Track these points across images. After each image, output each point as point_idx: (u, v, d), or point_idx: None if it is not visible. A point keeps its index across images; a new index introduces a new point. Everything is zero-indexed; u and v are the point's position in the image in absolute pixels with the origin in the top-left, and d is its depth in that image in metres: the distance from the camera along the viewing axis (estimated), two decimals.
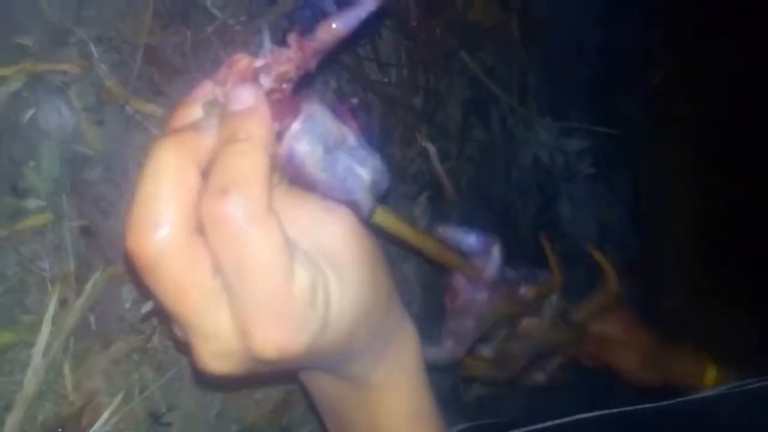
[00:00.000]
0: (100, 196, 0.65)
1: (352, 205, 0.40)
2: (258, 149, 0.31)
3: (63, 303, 0.60)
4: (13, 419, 0.55)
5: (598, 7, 1.59)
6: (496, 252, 0.69)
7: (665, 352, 0.89)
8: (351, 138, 0.40)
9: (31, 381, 0.57)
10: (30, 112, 0.62)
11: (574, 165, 1.32)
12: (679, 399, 0.73)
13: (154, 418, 0.64)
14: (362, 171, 0.40)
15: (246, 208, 0.29)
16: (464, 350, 0.69)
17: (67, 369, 0.60)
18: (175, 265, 0.28)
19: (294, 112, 0.38)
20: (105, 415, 0.60)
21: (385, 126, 0.97)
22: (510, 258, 0.78)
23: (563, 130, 1.28)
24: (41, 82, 0.63)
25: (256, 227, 0.28)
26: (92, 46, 0.66)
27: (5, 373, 0.57)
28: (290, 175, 0.38)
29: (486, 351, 0.80)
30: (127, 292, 0.64)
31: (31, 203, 0.61)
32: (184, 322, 0.31)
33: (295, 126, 0.37)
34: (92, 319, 0.61)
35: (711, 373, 0.86)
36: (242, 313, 0.29)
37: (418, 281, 1.02)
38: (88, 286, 0.60)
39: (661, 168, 1.71)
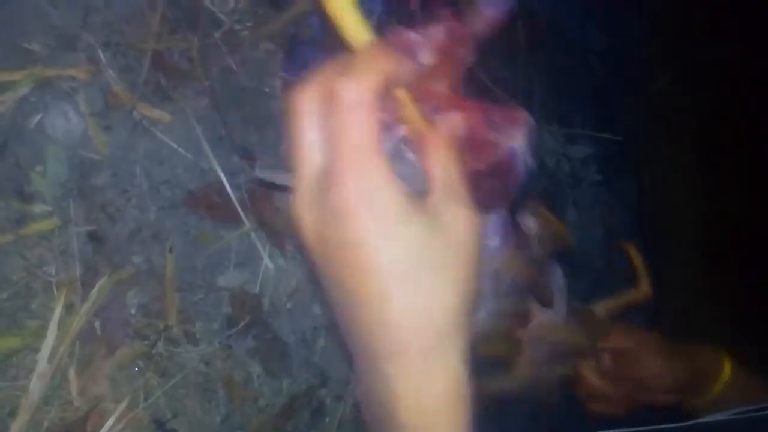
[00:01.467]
0: (107, 201, 0.65)
1: None
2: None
3: (69, 308, 0.60)
4: (18, 424, 0.55)
5: (603, 14, 1.59)
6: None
7: (681, 349, 0.87)
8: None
9: (36, 386, 0.57)
10: (37, 117, 0.62)
11: (580, 171, 1.32)
12: (691, 421, 0.71)
13: (159, 424, 0.64)
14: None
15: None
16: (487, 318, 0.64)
17: (72, 374, 0.60)
18: None
19: None
20: (110, 422, 0.60)
21: None
22: None
23: (569, 137, 1.27)
24: (49, 87, 0.63)
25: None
26: (100, 51, 0.66)
27: (10, 378, 0.57)
28: None
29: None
30: (133, 298, 0.64)
31: (38, 208, 0.61)
32: None
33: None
34: (97, 325, 0.61)
35: (727, 368, 0.84)
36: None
37: None
38: (94, 291, 0.60)
39: (666, 173, 1.70)
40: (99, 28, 0.67)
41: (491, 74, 1.20)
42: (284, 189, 0.75)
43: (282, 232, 0.77)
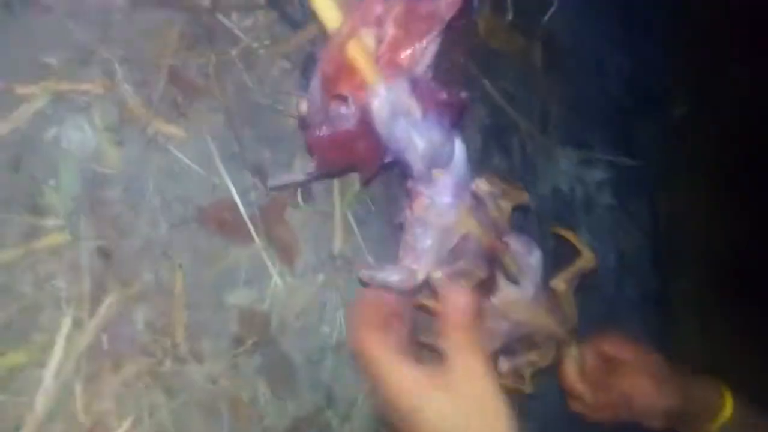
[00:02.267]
0: (118, 217, 0.64)
1: (404, 164, 0.57)
2: None
3: (76, 323, 0.59)
4: None
5: (622, 36, 1.58)
6: (459, 145, 0.60)
7: (680, 377, 0.85)
8: (417, 113, 0.54)
9: (41, 401, 0.56)
10: (52, 131, 0.63)
11: (594, 196, 1.30)
12: None
13: None
14: (418, 140, 0.54)
15: None
16: (424, 271, 0.60)
17: (78, 390, 0.59)
18: None
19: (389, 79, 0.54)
20: None
21: None
22: None
23: (584, 161, 1.26)
24: (64, 101, 0.64)
25: None
26: (116, 66, 0.67)
27: (16, 393, 0.56)
28: (364, 116, 0.55)
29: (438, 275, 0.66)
30: (140, 314, 0.63)
31: (50, 222, 0.60)
32: None
33: (377, 87, 0.54)
34: (105, 340, 0.61)
35: (728, 405, 0.82)
36: None
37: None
38: (102, 306, 0.60)
39: (682, 199, 1.68)
40: (117, 42, 0.68)
41: (505, 93, 1.20)
42: (297, 186, 0.76)
43: (292, 250, 0.77)
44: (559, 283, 0.71)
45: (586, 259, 0.74)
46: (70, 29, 0.65)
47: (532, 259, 0.66)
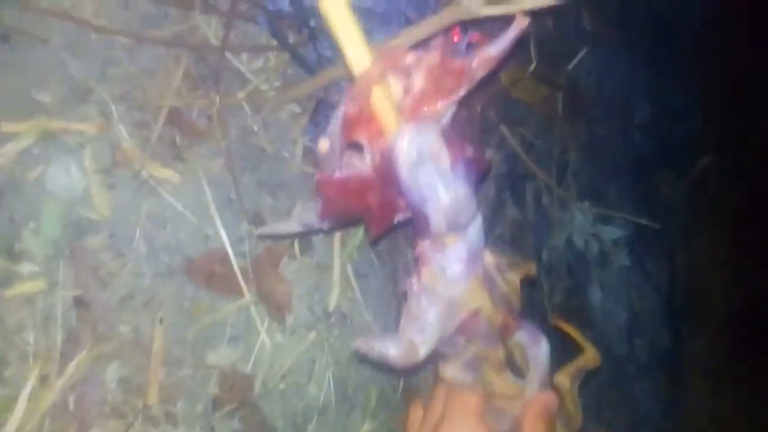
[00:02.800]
0: (99, 265, 0.61)
1: (423, 219, 0.50)
2: None
3: (43, 380, 0.56)
4: None
5: (647, 85, 1.54)
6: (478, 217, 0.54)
7: None
8: (445, 162, 0.49)
9: None
10: (38, 171, 0.59)
11: (610, 252, 1.25)
12: None
13: None
14: (443, 191, 0.49)
15: None
16: (427, 346, 0.54)
17: None
18: None
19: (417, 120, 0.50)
20: None
21: None
22: None
23: (600, 216, 1.22)
24: (54, 140, 0.60)
25: None
26: (113, 106, 0.63)
27: None
28: (384, 163, 0.50)
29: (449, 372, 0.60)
30: (114, 372, 0.60)
31: (25, 268, 0.57)
32: None
33: (406, 127, 0.49)
34: (71, 400, 0.57)
35: None
36: None
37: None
38: (72, 364, 0.57)
39: (701, 258, 1.63)
40: (118, 80, 0.65)
41: (523, 141, 1.16)
42: (287, 237, 0.71)
43: (284, 305, 0.73)
44: (563, 378, 0.65)
45: (591, 358, 0.68)
46: (67, 64, 0.62)
47: (540, 350, 0.60)
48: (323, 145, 0.53)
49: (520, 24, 0.51)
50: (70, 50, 0.62)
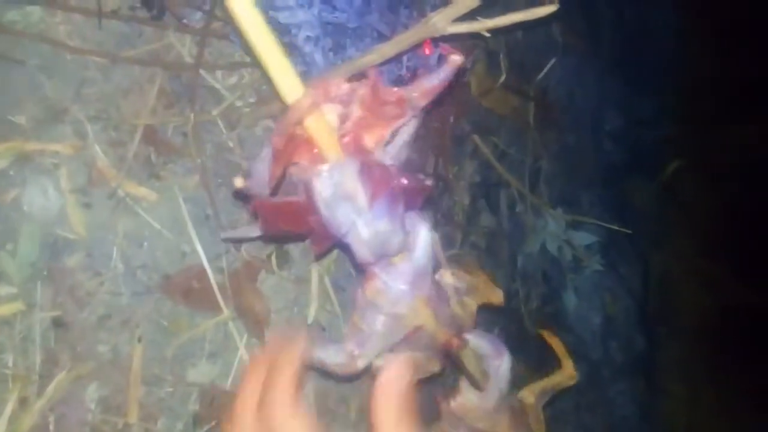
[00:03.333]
0: (77, 285, 0.61)
1: (348, 248, 0.52)
2: None
3: (23, 402, 0.56)
4: None
5: (616, 94, 1.57)
6: (425, 233, 0.55)
7: None
8: (362, 200, 0.50)
9: None
10: (14, 193, 0.60)
11: (583, 258, 1.28)
12: None
13: None
14: (361, 228, 0.50)
15: None
16: (366, 359, 0.55)
17: None
18: None
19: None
20: None
21: None
22: (512, 351, 0.71)
23: (573, 223, 1.24)
24: (30, 161, 0.61)
25: None
26: (88, 125, 0.64)
27: None
28: (308, 194, 0.51)
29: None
30: (93, 392, 0.60)
31: (2, 290, 0.57)
32: None
33: (324, 166, 0.50)
34: (51, 421, 0.57)
35: None
36: None
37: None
38: (51, 386, 0.57)
39: (673, 262, 1.66)
40: (92, 100, 0.65)
41: (496, 150, 1.18)
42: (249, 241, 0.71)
43: (262, 320, 0.74)
44: (528, 395, 0.66)
45: (568, 375, 0.69)
46: (42, 85, 0.62)
47: (501, 363, 0.62)
48: (237, 182, 0.54)
49: (454, 63, 0.52)
50: (46, 71, 0.62)
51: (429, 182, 0.55)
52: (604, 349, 1.41)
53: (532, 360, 1.20)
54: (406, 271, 0.54)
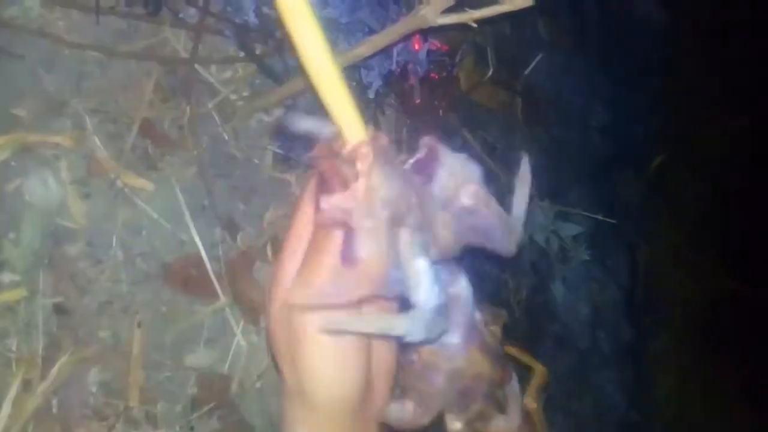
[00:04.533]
0: (78, 272, 0.63)
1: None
2: None
3: (26, 385, 0.58)
4: None
5: (603, 89, 1.60)
6: (465, 282, 0.55)
7: None
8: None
9: None
10: (16, 183, 0.61)
11: (570, 249, 1.30)
12: None
13: None
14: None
15: None
16: (431, 415, 0.57)
17: None
18: None
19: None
20: None
21: None
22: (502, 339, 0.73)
23: (560, 214, 1.27)
24: (31, 153, 0.62)
25: None
26: (87, 119, 0.66)
27: None
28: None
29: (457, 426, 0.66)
30: (95, 375, 0.62)
31: (6, 277, 0.59)
32: None
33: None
34: (54, 403, 0.59)
35: None
36: None
37: None
38: (54, 369, 0.58)
39: (660, 253, 1.69)
40: (91, 94, 0.67)
41: (485, 144, 1.20)
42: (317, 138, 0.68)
43: (258, 307, 0.76)
44: (531, 401, 0.69)
45: (540, 373, 0.73)
46: (42, 79, 0.64)
47: (514, 384, 0.63)
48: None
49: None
50: (45, 65, 0.64)
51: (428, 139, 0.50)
52: (592, 338, 1.44)
53: (521, 348, 1.23)
54: (457, 324, 0.53)
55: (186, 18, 0.74)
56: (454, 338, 0.53)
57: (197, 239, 0.71)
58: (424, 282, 0.37)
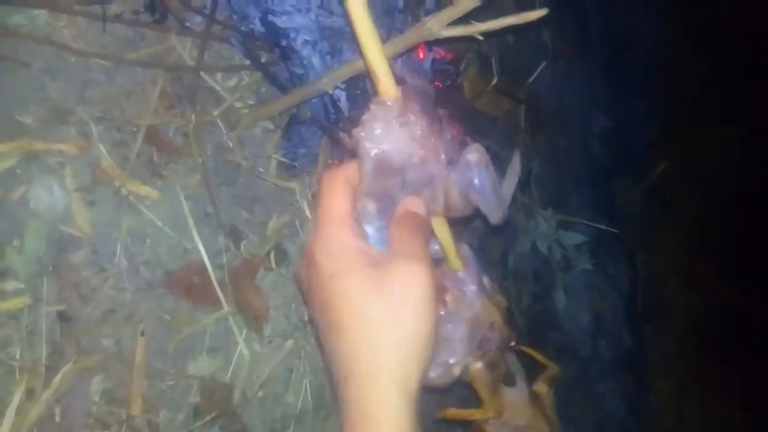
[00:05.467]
0: (82, 281, 0.63)
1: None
2: None
3: (29, 393, 0.57)
4: None
5: (605, 98, 1.61)
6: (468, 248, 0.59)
7: None
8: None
9: None
10: (21, 190, 0.61)
11: (572, 258, 1.31)
12: None
13: None
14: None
15: None
16: (460, 365, 0.58)
17: None
18: None
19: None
20: None
21: None
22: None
23: (562, 223, 1.27)
24: (36, 160, 0.62)
25: None
26: (92, 126, 0.66)
27: None
28: None
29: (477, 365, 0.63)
30: (98, 384, 0.62)
31: (10, 285, 0.59)
32: None
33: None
34: (57, 412, 0.59)
35: None
36: None
37: None
38: (57, 378, 0.58)
39: (661, 261, 1.69)
40: (96, 101, 0.67)
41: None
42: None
43: (261, 316, 0.76)
44: (542, 385, 0.69)
45: (553, 369, 0.74)
46: (47, 87, 0.64)
47: (516, 360, 0.66)
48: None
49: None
50: (50, 73, 0.64)
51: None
52: (593, 346, 1.44)
53: (522, 357, 1.23)
54: (471, 273, 0.57)
55: (192, 26, 0.74)
56: (471, 285, 0.57)
57: (201, 247, 0.71)
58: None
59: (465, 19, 0.59)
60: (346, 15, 0.46)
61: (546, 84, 1.34)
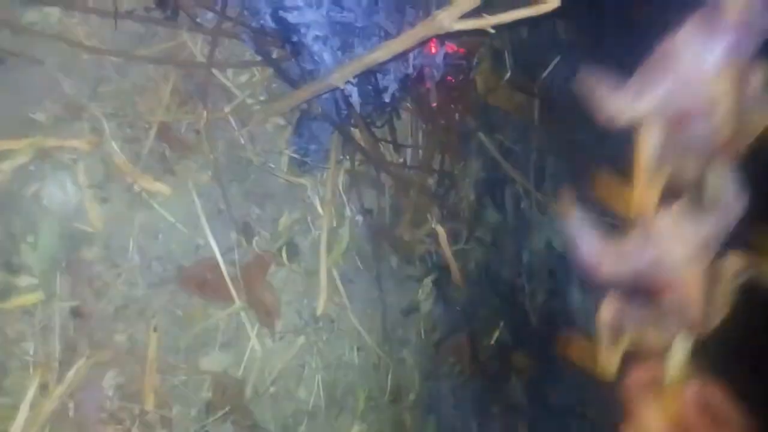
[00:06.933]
0: (95, 276, 0.63)
1: None
2: None
3: (43, 388, 0.58)
4: None
5: None
6: None
7: None
8: None
9: None
10: (34, 187, 0.62)
11: None
12: None
13: None
14: None
15: None
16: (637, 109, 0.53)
17: None
18: None
19: None
20: None
21: (395, 206, 0.96)
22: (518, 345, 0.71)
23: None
24: (49, 157, 0.63)
25: None
26: (105, 123, 0.66)
27: None
28: None
29: None
30: (111, 379, 0.62)
31: (23, 281, 0.59)
32: None
33: None
34: (71, 406, 0.59)
35: None
36: None
37: (417, 366, 0.99)
38: (71, 372, 0.59)
39: None
40: (109, 98, 0.67)
41: (501, 147, 1.19)
42: None
43: (273, 311, 0.76)
44: (735, 261, 0.60)
45: None
46: (60, 84, 0.64)
47: (738, 199, 0.59)
48: None
49: None
50: (63, 70, 0.64)
51: None
52: None
53: (536, 354, 1.22)
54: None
55: (203, 22, 0.74)
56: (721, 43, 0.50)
57: (213, 243, 0.71)
58: None
59: (476, 12, 0.58)
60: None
61: (560, 78, 1.33)
